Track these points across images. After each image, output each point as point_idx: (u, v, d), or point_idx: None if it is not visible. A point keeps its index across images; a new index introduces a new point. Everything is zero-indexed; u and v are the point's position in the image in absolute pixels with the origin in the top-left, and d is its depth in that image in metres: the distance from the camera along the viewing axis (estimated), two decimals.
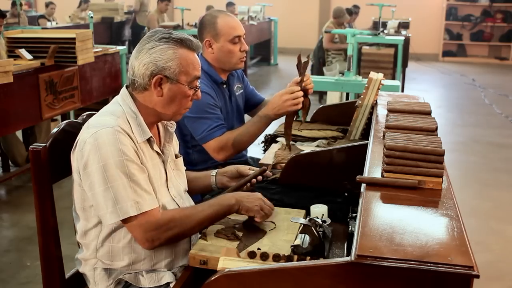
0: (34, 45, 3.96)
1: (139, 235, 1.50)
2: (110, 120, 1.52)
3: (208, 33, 2.36)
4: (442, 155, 1.45)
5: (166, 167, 1.66)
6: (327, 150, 2.12)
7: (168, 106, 1.59)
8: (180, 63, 1.55)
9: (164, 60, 1.54)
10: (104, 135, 1.47)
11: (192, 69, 1.59)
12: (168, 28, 8.16)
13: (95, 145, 1.46)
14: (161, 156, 1.64)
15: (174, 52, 1.55)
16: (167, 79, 1.55)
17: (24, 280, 2.83)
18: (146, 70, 1.55)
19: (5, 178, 4.22)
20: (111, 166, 1.45)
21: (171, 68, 1.55)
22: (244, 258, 1.40)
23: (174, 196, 1.66)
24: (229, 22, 2.35)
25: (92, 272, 1.60)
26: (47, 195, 1.59)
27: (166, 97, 1.57)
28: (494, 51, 12.32)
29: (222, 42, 2.34)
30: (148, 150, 1.58)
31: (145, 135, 1.56)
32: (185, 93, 1.59)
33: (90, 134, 1.48)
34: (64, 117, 4.71)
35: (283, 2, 12.64)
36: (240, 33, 2.36)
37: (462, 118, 6.78)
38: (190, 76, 1.58)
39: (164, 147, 1.68)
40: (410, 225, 1.22)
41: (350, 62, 4.00)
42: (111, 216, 1.47)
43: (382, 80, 2.47)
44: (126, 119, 1.55)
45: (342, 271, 1.12)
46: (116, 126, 1.49)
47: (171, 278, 1.56)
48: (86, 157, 1.47)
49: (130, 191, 1.46)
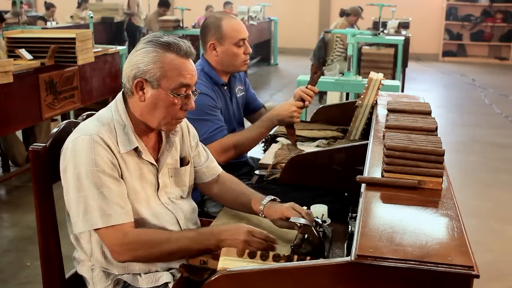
0: (34, 45, 3.95)
1: (108, 246, 1.49)
2: (93, 127, 1.50)
3: (213, 36, 2.32)
4: (442, 155, 1.45)
5: (159, 176, 1.61)
6: (327, 150, 2.12)
7: (153, 113, 1.52)
8: (162, 67, 1.48)
9: (145, 62, 1.48)
10: (81, 142, 1.46)
11: (177, 75, 1.50)
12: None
13: (73, 151, 1.46)
14: (154, 166, 1.60)
15: (156, 55, 1.48)
16: (148, 83, 1.50)
17: (24, 280, 2.83)
18: (130, 73, 1.51)
19: (5, 178, 4.22)
20: (83, 175, 1.44)
21: (151, 71, 1.48)
22: (244, 258, 1.40)
23: (166, 203, 1.63)
24: (234, 25, 2.33)
25: (90, 273, 1.59)
26: (47, 195, 1.59)
27: (148, 103, 1.51)
28: (494, 51, 12.32)
29: (227, 45, 2.31)
30: (133, 160, 1.54)
31: (131, 145, 1.52)
32: (169, 101, 1.50)
33: (72, 139, 1.48)
34: (64, 117, 4.71)
35: (283, 2, 12.64)
36: (244, 36, 2.34)
37: (462, 118, 6.78)
38: (173, 82, 1.50)
39: (162, 155, 1.63)
40: (410, 225, 1.22)
41: (350, 62, 4.00)
42: (81, 224, 1.47)
43: (382, 80, 2.47)
44: (112, 127, 1.51)
45: (342, 271, 1.12)
46: (95, 134, 1.47)
47: (169, 278, 1.56)
48: (66, 162, 1.47)
49: (100, 202, 1.44)
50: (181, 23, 8.27)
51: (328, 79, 4.18)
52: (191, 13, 8.90)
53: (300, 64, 10.32)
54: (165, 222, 1.60)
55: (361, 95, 2.48)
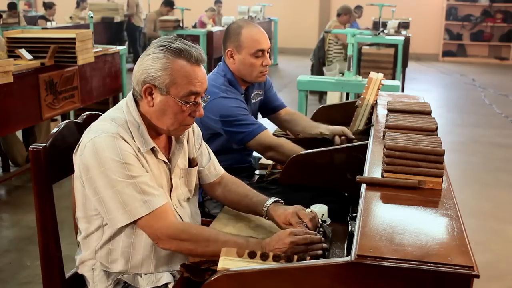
0: (34, 45, 3.95)
1: (154, 232, 1.47)
2: (110, 126, 1.49)
3: (231, 43, 2.28)
4: (442, 155, 1.45)
5: (172, 176, 1.63)
6: (327, 150, 2.12)
7: (161, 118, 1.53)
8: (171, 74, 1.48)
9: (155, 69, 1.48)
10: (103, 140, 1.45)
11: (187, 82, 1.49)
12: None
13: (94, 150, 1.45)
14: (167, 165, 1.61)
15: (167, 61, 1.48)
16: (157, 89, 1.50)
17: (24, 280, 2.83)
18: (140, 77, 1.51)
19: (5, 178, 4.22)
20: (112, 171, 1.43)
21: (161, 78, 1.48)
22: (244, 258, 1.40)
23: (175, 205, 1.64)
24: (254, 34, 2.26)
25: (91, 273, 1.59)
26: (47, 195, 1.58)
27: (157, 108, 1.51)
28: (494, 51, 12.32)
29: (244, 55, 2.26)
30: (152, 159, 1.56)
31: (147, 145, 1.53)
32: (177, 108, 1.50)
33: (89, 139, 1.47)
34: (64, 117, 4.71)
35: (283, 2, 12.65)
36: (264, 47, 2.27)
37: (462, 118, 6.78)
38: (183, 89, 1.49)
39: (173, 155, 1.64)
40: (410, 225, 1.22)
41: (350, 62, 3.99)
42: (122, 218, 1.45)
43: (382, 80, 2.47)
44: (127, 128, 1.52)
45: (342, 271, 1.12)
46: (115, 133, 1.47)
47: (170, 279, 1.56)
48: (87, 163, 1.46)
49: (136, 191, 1.44)
50: (181, 23, 8.27)
51: (328, 79, 4.18)
52: (191, 13, 8.90)
53: (300, 64, 10.33)
54: None
55: (361, 95, 2.48)
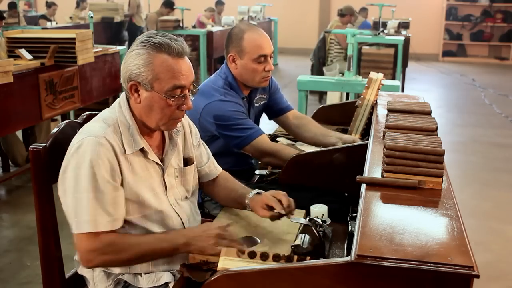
0: (34, 45, 3.95)
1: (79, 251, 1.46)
2: (99, 128, 1.48)
3: (233, 48, 2.26)
4: (442, 155, 1.45)
5: (165, 176, 1.61)
6: (327, 150, 2.12)
7: (150, 114, 1.51)
8: (153, 69, 1.46)
9: (138, 65, 1.47)
10: (86, 144, 1.44)
11: (170, 77, 1.47)
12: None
13: (76, 152, 1.45)
14: (159, 165, 1.60)
15: (148, 57, 1.46)
16: (141, 85, 1.48)
17: (24, 280, 2.83)
18: (125, 75, 1.51)
19: (5, 178, 4.22)
20: (82, 177, 1.43)
21: (144, 74, 1.46)
22: (244, 258, 1.40)
23: (173, 205, 1.63)
24: (256, 39, 2.23)
25: (91, 273, 1.59)
26: (47, 195, 1.58)
27: (144, 105, 1.50)
28: (494, 51, 12.32)
29: (246, 60, 2.23)
30: (140, 160, 1.54)
31: (136, 146, 1.52)
32: (163, 103, 1.48)
33: (77, 140, 1.47)
34: (64, 117, 4.71)
35: (283, 2, 12.65)
36: (266, 53, 2.24)
37: (462, 118, 6.78)
38: (166, 84, 1.47)
39: (166, 154, 1.63)
40: (410, 225, 1.22)
41: (350, 62, 3.99)
42: (71, 225, 1.45)
43: (382, 80, 2.47)
44: (118, 128, 1.51)
45: (342, 271, 1.12)
46: (101, 136, 1.46)
47: (170, 278, 1.56)
48: (67, 162, 1.46)
49: (92, 207, 1.42)
50: (181, 23, 8.27)
51: (328, 79, 4.18)
52: (191, 13, 8.90)
53: (300, 64, 10.32)
54: (171, 223, 1.59)
55: (361, 95, 2.48)
